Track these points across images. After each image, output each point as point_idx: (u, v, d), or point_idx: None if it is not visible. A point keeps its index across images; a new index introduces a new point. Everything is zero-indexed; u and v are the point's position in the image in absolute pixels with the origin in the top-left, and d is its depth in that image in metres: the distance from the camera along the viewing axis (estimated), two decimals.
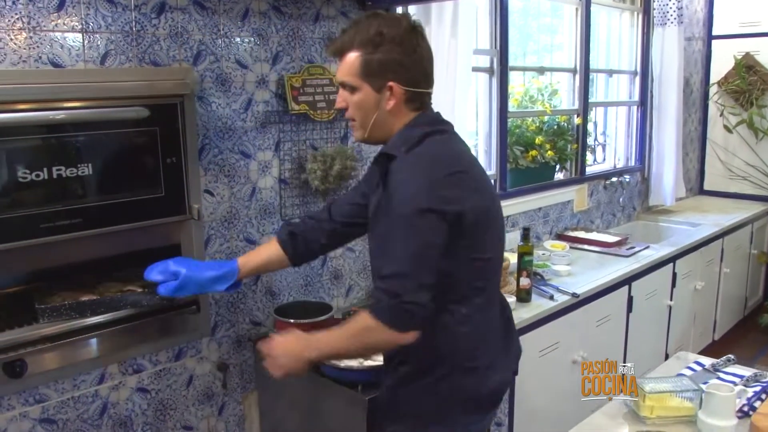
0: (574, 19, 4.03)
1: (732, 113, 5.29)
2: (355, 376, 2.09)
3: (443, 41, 2.80)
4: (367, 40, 1.66)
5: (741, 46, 5.24)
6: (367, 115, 1.72)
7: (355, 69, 1.69)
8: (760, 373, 1.93)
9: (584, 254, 3.56)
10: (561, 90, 4.04)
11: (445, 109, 2.77)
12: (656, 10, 4.60)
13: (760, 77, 5.12)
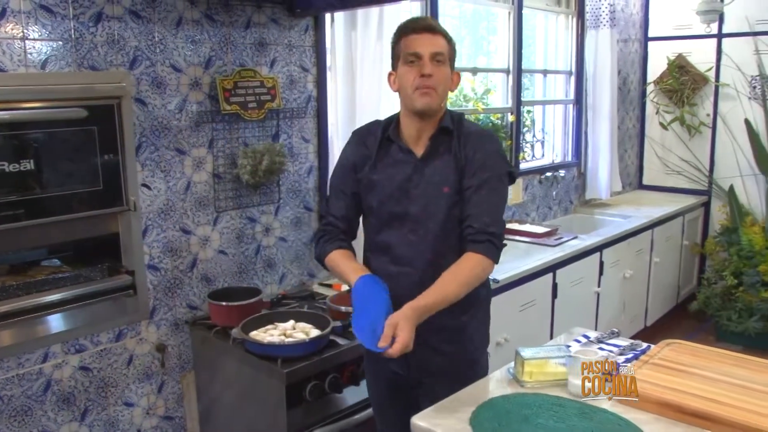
0: (507, 22, 4.25)
1: (666, 111, 5.56)
2: (277, 351, 2.29)
3: (369, 45, 3.01)
4: (450, 36, 2.06)
5: (675, 48, 5.51)
6: (445, 90, 2.05)
7: (445, 48, 2.02)
8: (636, 343, 2.15)
9: (515, 245, 3.78)
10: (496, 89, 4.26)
11: (371, 109, 3.00)
12: (589, 14, 4.85)
13: (691, 77, 5.40)
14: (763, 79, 5.08)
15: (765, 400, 1.73)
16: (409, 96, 2.01)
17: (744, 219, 5.06)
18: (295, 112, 2.97)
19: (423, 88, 1.97)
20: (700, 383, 1.81)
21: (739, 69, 5.20)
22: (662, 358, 1.98)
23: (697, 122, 5.42)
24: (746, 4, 5.09)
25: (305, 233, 3.10)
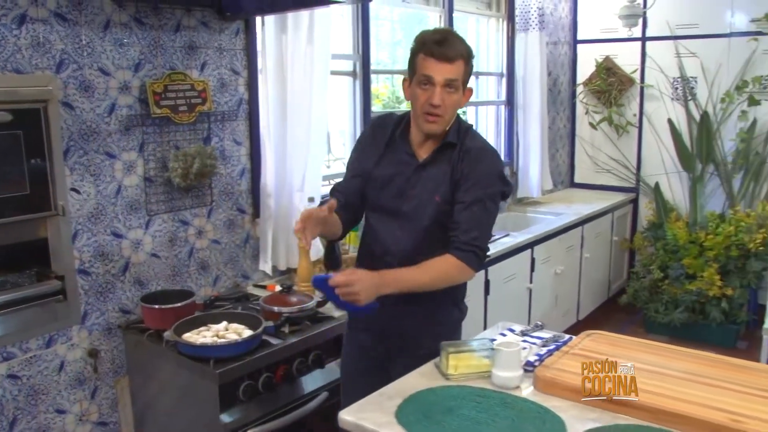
0: (439, 26, 4.33)
1: (595, 111, 5.74)
2: (209, 352, 2.31)
3: (300, 48, 3.04)
4: (469, 54, 2.11)
5: (602, 50, 5.69)
6: (453, 112, 2.15)
7: (460, 73, 2.08)
8: (558, 335, 2.24)
9: None
10: None
11: (302, 111, 3.03)
12: (519, 17, 4.97)
13: (618, 78, 5.58)
14: (684, 80, 5.29)
15: (677, 384, 1.83)
16: (417, 115, 2.14)
17: (669, 215, 5.25)
18: (226, 115, 2.98)
19: (430, 115, 2.10)
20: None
21: (662, 71, 5.41)
22: (582, 348, 2.07)
23: (625, 122, 5.62)
24: (667, 10, 5.30)
25: (239, 235, 3.11)
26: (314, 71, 3.10)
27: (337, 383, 2.72)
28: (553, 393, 1.84)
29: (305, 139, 3.12)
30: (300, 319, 2.63)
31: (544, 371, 1.90)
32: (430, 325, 2.22)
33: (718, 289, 4.70)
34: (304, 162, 3.13)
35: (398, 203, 2.19)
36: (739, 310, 4.76)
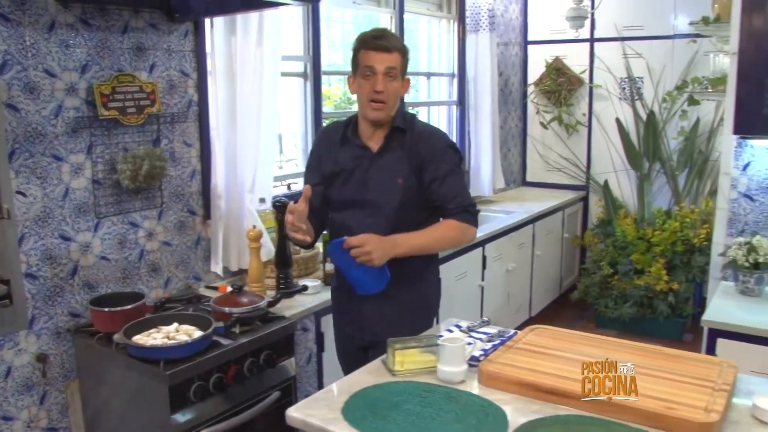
0: (390, 27, 4.38)
1: (546, 111, 5.84)
2: (159, 354, 2.31)
3: (249, 49, 3.05)
4: (404, 48, 2.38)
5: (552, 51, 5.80)
6: (396, 100, 2.37)
7: (398, 62, 2.33)
8: (504, 330, 2.30)
9: None
10: None
11: (252, 112, 3.04)
12: (469, 18, 5.04)
13: (567, 78, 5.70)
14: (630, 80, 5.43)
15: None
16: (364, 105, 2.37)
17: (618, 212, 5.37)
18: (176, 117, 2.98)
19: (375, 102, 2.32)
20: (556, 363, 1.96)
21: (609, 71, 5.53)
22: (526, 342, 2.13)
23: (574, 121, 5.73)
24: (614, 12, 5.44)
25: (190, 237, 3.11)
26: (264, 73, 3.11)
27: (289, 382, 2.76)
28: (497, 386, 1.88)
29: (255, 140, 3.13)
30: (251, 320, 2.64)
31: (488, 365, 1.95)
32: (406, 319, 2.45)
33: (664, 283, 4.83)
34: (254, 163, 3.14)
35: (363, 193, 2.40)
36: (685, 304, 4.89)
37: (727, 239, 3.17)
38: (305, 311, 2.90)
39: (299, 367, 2.91)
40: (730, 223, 3.18)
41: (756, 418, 1.74)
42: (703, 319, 2.76)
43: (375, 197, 2.39)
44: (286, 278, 3.00)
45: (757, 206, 3.11)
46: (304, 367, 2.97)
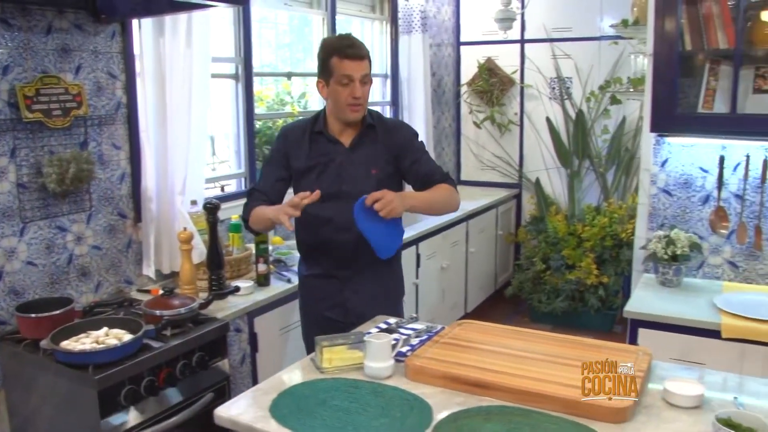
0: (322, 28, 4.40)
1: (479, 111, 5.95)
2: (87, 359, 2.28)
3: (178, 51, 3.03)
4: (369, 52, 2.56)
5: (484, 52, 5.90)
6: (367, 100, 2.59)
7: (369, 68, 2.54)
8: (431, 325, 2.35)
9: None
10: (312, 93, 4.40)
11: (181, 114, 3.03)
12: (402, 20, 5.09)
13: (499, 79, 5.81)
14: (560, 81, 5.57)
15: (536, 366, 1.96)
16: (341, 109, 2.55)
17: (549, 208, 5.50)
18: (104, 119, 2.95)
19: (354, 106, 2.53)
20: (481, 356, 2.02)
21: (539, 72, 5.66)
22: (452, 336, 2.18)
23: (506, 121, 5.85)
24: (543, 13, 5.57)
25: (120, 240, 3.08)
26: (194, 74, 3.10)
27: (223, 383, 2.76)
28: (423, 381, 1.93)
29: (186, 142, 3.12)
30: (182, 322, 2.63)
31: (414, 360, 1.99)
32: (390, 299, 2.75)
33: (595, 277, 4.97)
34: (185, 165, 3.13)
35: (338, 185, 2.58)
36: (614, 297, 5.04)
37: (648, 233, 3.29)
38: (238, 312, 2.91)
39: (233, 368, 2.92)
40: (651, 217, 3.31)
41: (666, 401, 1.83)
42: (625, 311, 2.87)
43: (350, 188, 2.56)
44: (219, 280, 3.00)
45: (675, 201, 3.24)
46: (238, 368, 2.98)
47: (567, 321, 5.10)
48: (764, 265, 3.12)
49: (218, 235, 3.02)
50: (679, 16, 2.87)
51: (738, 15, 2.79)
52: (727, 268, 3.21)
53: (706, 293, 3.00)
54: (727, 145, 3.07)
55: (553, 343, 2.14)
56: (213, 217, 2.97)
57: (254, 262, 3.20)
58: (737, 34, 2.80)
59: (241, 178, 3.82)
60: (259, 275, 3.13)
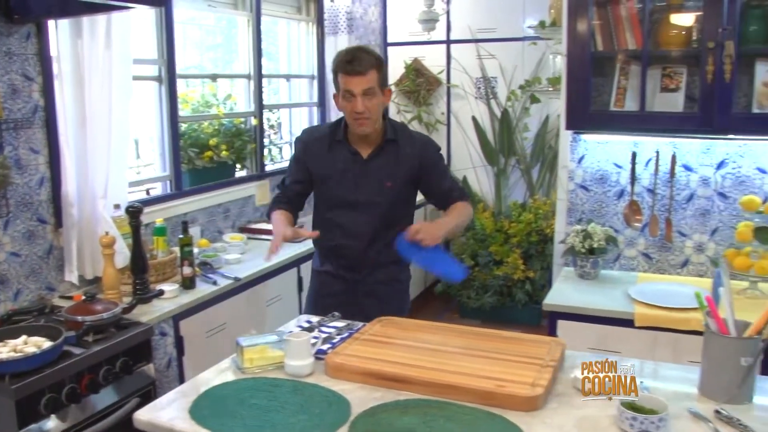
0: (247, 29, 4.40)
1: (406, 110, 6.02)
2: (3, 368, 2.24)
3: (97, 53, 2.99)
4: (379, 62, 2.57)
5: (411, 53, 5.98)
6: (378, 112, 2.60)
7: (374, 81, 2.52)
8: (352, 323, 2.39)
9: (261, 243, 3.92)
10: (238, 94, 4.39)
11: (102, 117, 3.00)
12: (328, 21, 5.12)
13: (426, 79, 5.89)
14: (485, 80, 5.68)
15: (453, 359, 2.01)
16: (350, 123, 2.61)
17: (477, 206, 5.60)
18: (20, 123, 2.89)
19: (358, 120, 2.56)
20: (399, 351, 2.07)
21: (465, 72, 5.76)
22: (372, 333, 2.23)
23: (434, 120, 5.94)
24: (468, 14, 5.67)
25: (41, 246, 3.03)
26: (114, 76, 3.06)
27: (148, 388, 2.74)
28: (342, 377, 1.97)
29: (107, 145, 3.08)
30: (104, 327, 2.61)
31: (334, 357, 2.03)
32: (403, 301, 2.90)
33: (521, 272, 5.10)
34: (106, 169, 3.09)
35: (354, 194, 2.68)
36: (540, 291, 5.17)
37: (567, 228, 3.39)
38: (163, 315, 2.89)
39: (159, 372, 2.90)
40: (569, 212, 3.42)
41: (576, 388, 1.90)
42: (544, 303, 2.97)
43: (365, 198, 2.67)
44: (143, 284, 2.97)
45: (592, 196, 3.35)
46: (165, 372, 2.96)
47: (496, 316, 5.21)
48: (675, 256, 3.27)
49: (142, 238, 3.00)
50: (591, 18, 2.97)
51: (644, 17, 2.91)
52: (641, 260, 3.34)
53: (621, 284, 3.11)
54: (638, 141, 3.20)
55: (470, 336, 2.20)
56: (136, 220, 2.95)
57: (179, 266, 3.18)
58: (644, 36, 2.92)
59: (167, 181, 3.79)
60: (185, 278, 3.11)
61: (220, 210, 4.09)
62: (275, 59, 5.09)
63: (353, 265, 2.78)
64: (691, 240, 3.23)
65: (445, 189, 2.78)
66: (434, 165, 2.75)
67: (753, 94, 2.89)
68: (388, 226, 2.69)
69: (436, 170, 2.75)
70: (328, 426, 1.70)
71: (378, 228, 2.70)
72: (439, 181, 2.76)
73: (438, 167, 2.77)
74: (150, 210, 3.47)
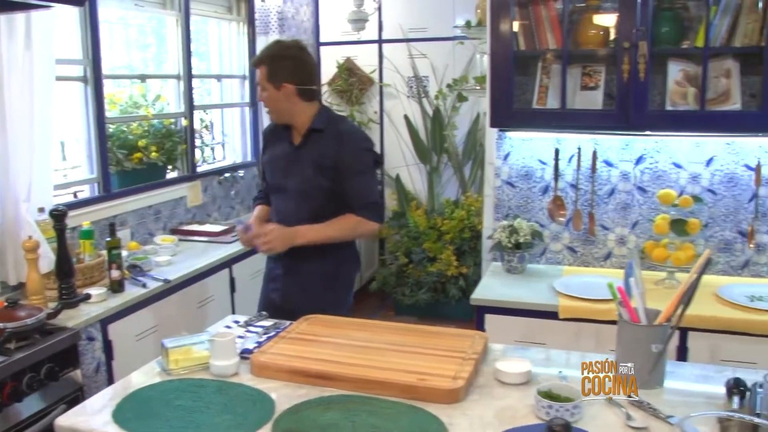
0: (176, 29, 4.35)
1: (339, 109, 6.02)
2: None
3: (17, 53, 2.93)
4: (271, 57, 2.72)
5: (344, 52, 6.00)
6: (277, 105, 2.75)
7: (263, 76, 2.72)
8: (279, 322, 2.40)
9: (192, 245, 3.90)
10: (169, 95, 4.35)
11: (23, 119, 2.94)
12: (259, 21, 5.11)
13: (358, 78, 5.92)
14: (417, 79, 5.74)
15: (377, 354, 2.04)
16: None
17: (410, 204, 5.67)
18: None
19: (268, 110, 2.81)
20: (324, 348, 2.09)
21: (397, 71, 5.82)
22: (299, 332, 2.24)
23: (367, 119, 5.97)
24: (400, 14, 5.73)
25: None
26: (35, 77, 2.99)
27: (76, 394, 2.70)
28: (268, 376, 1.98)
29: (29, 147, 3.01)
30: (28, 333, 2.56)
31: (259, 356, 2.04)
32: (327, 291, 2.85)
33: (455, 269, 5.17)
34: (29, 171, 3.03)
35: (284, 180, 2.82)
36: (473, 287, 5.19)
37: (494, 223, 3.47)
38: (90, 320, 2.85)
39: (87, 378, 2.86)
40: (497, 208, 3.49)
41: (497, 379, 1.96)
42: (472, 298, 3.03)
43: (292, 185, 2.79)
44: (69, 288, 2.92)
45: (518, 192, 3.43)
46: (93, 377, 2.92)
47: (430, 312, 5.28)
48: (599, 249, 3.37)
49: (67, 242, 2.95)
50: (513, 18, 3.04)
51: (564, 18, 3.00)
52: (566, 254, 3.43)
53: (547, 278, 3.20)
54: (561, 138, 3.29)
55: (395, 332, 2.24)
56: (60, 224, 2.90)
57: (108, 269, 3.14)
58: (564, 36, 3.01)
59: (94, 183, 3.73)
60: (113, 282, 3.07)
61: (151, 212, 4.04)
62: (207, 59, 5.05)
63: (287, 250, 2.80)
64: (613, 233, 3.34)
65: (349, 192, 2.73)
66: (347, 165, 2.71)
67: (666, 93, 3.01)
68: (316, 215, 2.74)
69: (347, 169, 2.72)
70: (252, 424, 1.71)
71: (304, 215, 2.76)
72: (346, 182, 2.72)
73: (351, 167, 2.72)
74: (78, 213, 3.41)
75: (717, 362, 2.62)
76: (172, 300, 3.30)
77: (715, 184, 3.15)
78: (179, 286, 3.35)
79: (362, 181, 2.76)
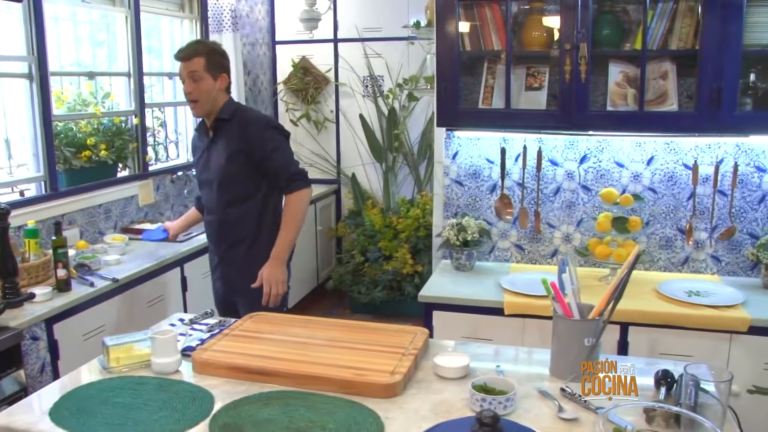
0: (125, 26, 4.32)
1: (295, 109, 6.05)
2: None
3: None
4: (208, 50, 2.91)
5: (300, 51, 6.01)
6: (208, 95, 2.89)
7: (200, 65, 2.84)
8: (225, 320, 2.42)
9: (143, 244, 3.84)
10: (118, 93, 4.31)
11: None
12: (212, 19, 5.10)
13: (314, 77, 5.94)
14: (372, 79, 5.77)
15: (317, 351, 2.07)
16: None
17: (366, 203, 5.70)
18: None
19: (190, 102, 2.90)
20: (266, 345, 2.11)
21: (353, 70, 5.85)
22: (242, 329, 2.26)
23: (323, 118, 6.00)
24: (355, 14, 5.77)
25: None
26: None
27: (19, 395, 2.68)
28: (209, 373, 1.99)
29: None
30: None
31: (201, 354, 2.05)
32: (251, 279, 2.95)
33: (410, 267, 5.22)
34: None
35: (205, 173, 3.01)
36: None
37: (444, 221, 3.51)
38: (34, 319, 2.82)
39: (31, 378, 2.83)
40: (446, 206, 3.54)
41: (436, 374, 2.00)
42: (420, 295, 3.08)
43: (210, 176, 2.98)
44: (13, 287, 2.89)
45: (466, 190, 3.48)
46: (37, 378, 2.90)
47: (386, 310, 5.31)
48: (545, 246, 3.44)
49: (10, 241, 2.92)
50: (459, 19, 3.09)
51: (508, 19, 3.05)
52: (514, 251, 3.49)
53: (495, 275, 3.26)
54: (507, 137, 3.35)
55: (338, 328, 2.26)
56: (3, 222, 2.86)
57: (53, 268, 3.11)
58: (508, 37, 3.06)
59: (41, 181, 3.69)
60: (59, 281, 3.04)
61: (101, 210, 4.01)
62: (160, 57, 5.01)
63: (215, 240, 3.08)
64: (559, 231, 3.41)
65: (272, 171, 2.91)
66: (257, 143, 2.87)
67: (607, 94, 3.08)
68: (234, 203, 2.95)
69: (260, 149, 2.87)
70: (190, 420, 1.72)
71: (225, 205, 2.97)
72: (265, 162, 2.89)
73: (262, 146, 2.87)
74: (24, 212, 3.38)
75: (656, 356, 2.70)
76: (121, 299, 3.28)
77: (655, 183, 3.23)
78: (128, 285, 3.33)
79: (280, 157, 2.91)
